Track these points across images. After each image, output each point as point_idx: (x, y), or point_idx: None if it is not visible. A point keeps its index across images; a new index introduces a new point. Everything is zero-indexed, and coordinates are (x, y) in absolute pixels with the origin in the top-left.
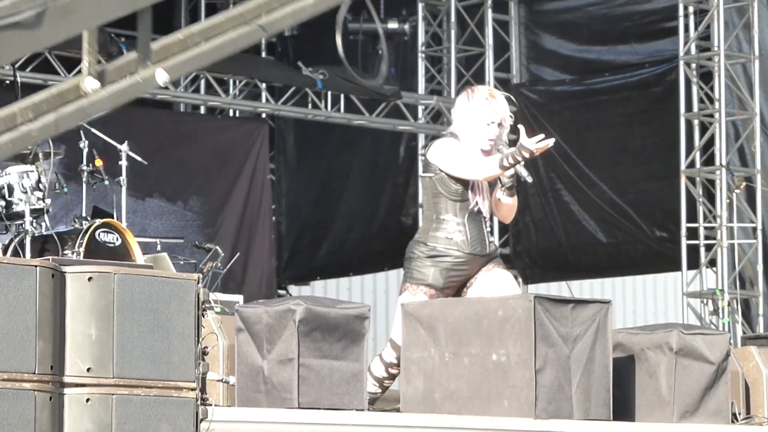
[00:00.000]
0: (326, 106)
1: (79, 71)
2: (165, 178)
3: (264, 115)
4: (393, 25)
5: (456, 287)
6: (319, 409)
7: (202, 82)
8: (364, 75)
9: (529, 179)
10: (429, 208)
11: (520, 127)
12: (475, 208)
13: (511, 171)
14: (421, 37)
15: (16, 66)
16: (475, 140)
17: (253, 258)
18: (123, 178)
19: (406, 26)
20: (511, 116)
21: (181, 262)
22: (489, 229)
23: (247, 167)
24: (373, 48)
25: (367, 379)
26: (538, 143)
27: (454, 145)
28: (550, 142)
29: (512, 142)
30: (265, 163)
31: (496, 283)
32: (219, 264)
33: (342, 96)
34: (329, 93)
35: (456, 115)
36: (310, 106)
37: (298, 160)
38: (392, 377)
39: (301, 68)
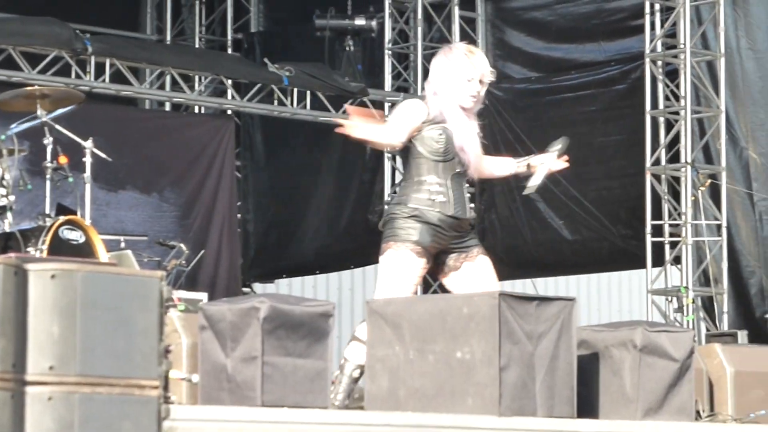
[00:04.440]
0: (292, 103)
1: (43, 68)
2: (136, 172)
3: (229, 112)
4: (360, 21)
5: (436, 253)
6: (283, 407)
7: (168, 78)
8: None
9: (533, 190)
10: (408, 170)
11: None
12: (459, 169)
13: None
14: (388, 34)
15: None
16: (456, 97)
17: (221, 254)
18: (87, 175)
19: (374, 23)
20: (492, 72)
21: (145, 260)
22: (469, 195)
23: (215, 164)
24: (340, 45)
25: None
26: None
27: (404, 109)
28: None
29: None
30: (231, 159)
31: (477, 277)
32: (183, 261)
33: (308, 93)
34: (295, 90)
35: (434, 73)
36: (276, 102)
37: (266, 157)
38: None
39: (268, 64)
